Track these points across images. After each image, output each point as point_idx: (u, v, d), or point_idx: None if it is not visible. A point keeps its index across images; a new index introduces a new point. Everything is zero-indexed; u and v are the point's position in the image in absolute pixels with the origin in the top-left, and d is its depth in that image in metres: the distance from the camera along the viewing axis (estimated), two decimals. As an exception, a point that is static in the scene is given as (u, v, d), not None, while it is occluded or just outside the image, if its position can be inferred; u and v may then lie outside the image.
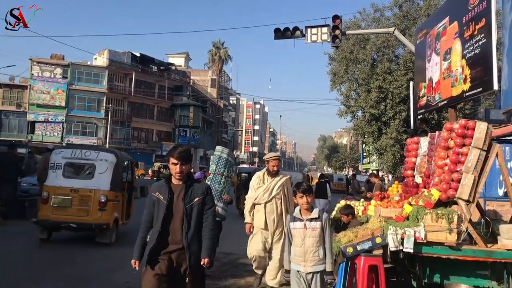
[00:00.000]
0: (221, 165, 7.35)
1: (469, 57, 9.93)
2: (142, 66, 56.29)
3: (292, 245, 4.66)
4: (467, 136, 5.45)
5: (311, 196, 4.62)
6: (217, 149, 7.66)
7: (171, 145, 53.61)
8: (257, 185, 6.66)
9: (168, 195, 4.06)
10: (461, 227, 5.18)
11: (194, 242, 4.05)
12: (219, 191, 7.18)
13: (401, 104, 23.33)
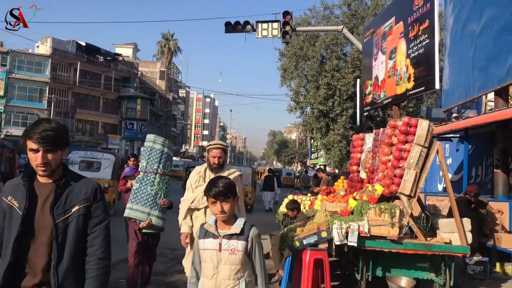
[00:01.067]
0: (154, 159, 5.50)
1: (413, 56, 10.28)
2: (87, 56, 54.29)
3: (200, 274, 3.02)
4: (410, 133, 5.62)
5: (230, 202, 2.93)
6: (149, 138, 5.63)
7: (118, 138, 52.38)
8: (196, 183, 4.93)
9: (26, 202, 2.37)
10: (403, 221, 5.34)
11: (68, 283, 2.38)
12: (152, 195, 5.43)
13: (348, 101, 23.88)
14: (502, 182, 9.33)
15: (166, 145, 5.64)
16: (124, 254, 7.25)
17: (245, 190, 17.93)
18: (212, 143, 4.91)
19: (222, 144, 4.91)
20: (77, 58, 52.23)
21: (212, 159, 4.77)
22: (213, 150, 4.78)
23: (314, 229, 5.49)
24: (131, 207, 5.40)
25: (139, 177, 5.55)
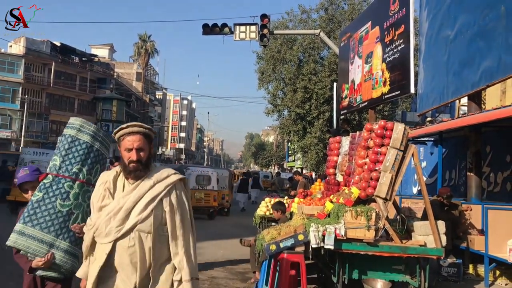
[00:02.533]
0: (76, 158, 3.47)
1: (389, 61, 10.41)
2: (62, 57, 53.28)
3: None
4: (386, 137, 5.67)
5: None
6: (72, 123, 3.61)
7: (93, 140, 51.55)
8: (100, 201, 2.71)
9: None
10: (379, 224, 5.38)
11: None
12: (62, 215, 3.32)
13: (325, 105, 24.03)
14: (475, 185, 9.51)
15: (100, 137, 3.64)
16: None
17: (222, 193, 17.86)
18: (125, 126, 2.68)
19: (143, 126, 2.69)
20: (51, 59, 51.21)
21: (127, 155, 2.61)
22: (127, 137, 2.63)
23: (291, 232, 5.48)
24: (22, 231, 3.22)
25: (45, 182, 3.39)
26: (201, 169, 18.48)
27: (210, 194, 16.53)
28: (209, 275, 7.70)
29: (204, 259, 9.04)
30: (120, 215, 2.51)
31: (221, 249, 10.36)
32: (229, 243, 11.37)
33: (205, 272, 7.91)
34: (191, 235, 2.77)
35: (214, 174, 17.49)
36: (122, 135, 2.65)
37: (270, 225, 7.28)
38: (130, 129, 2.63)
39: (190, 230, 2.75)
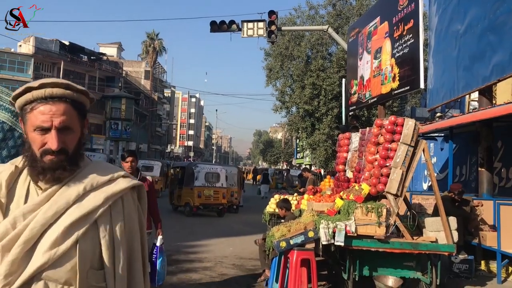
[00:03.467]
0: None
1: (398, 56, 10.32)
2: (71, 55, 53.62)
3: None
4: (396, 132, 5.62)
5: None
6: None
7: (102, 138, 51.88)
8: None
9: None
10: (390, 220, 5.34)
11: None
12: None
13: (334, 101, 23.91)
14: (486, 180, 9.41)
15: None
16: None
17: (231, 190, 17.86)
18: (37, 84, 1.40)
19: (69, 86, 1.45)
20: (60, 58, 51.55)
21: (39, 139, 1.38)
22: (40, 107, 1.37)
23: (301, 229, 5.46)
24: None
25: None
26: (210, 166, 18.47)
27: (219, 192, 16.54)
28: (219, 272, 7.70)
29: (213, 256, 9.05)
30: (15, 249, 1.29)
31: (230, 246, 10.36)
32: (239, 240, 11.38)
33: (215, 269, 7.92)
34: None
35: (223, 172, 17.49)
36: (31, 101, 1.40)
37: (280, 222, 7.26)
38: (47, 91, 1.39)
39: (142, 278, 1.51)
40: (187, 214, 16.00)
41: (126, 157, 5.22)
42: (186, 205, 16.30)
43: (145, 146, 65.98)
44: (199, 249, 9.85)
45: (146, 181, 5.12)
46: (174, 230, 12.64)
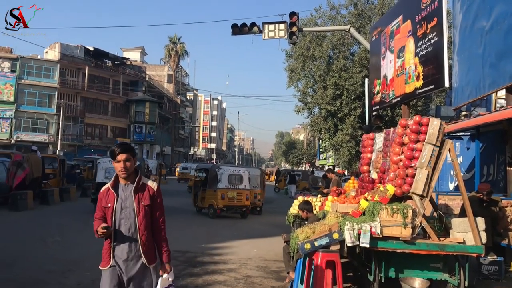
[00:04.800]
0: None
1: (422, 55, 10.18)
2: (95, 61, 54.62)
3: None
4: (421, 132, 5.55)
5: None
6: None
7: (127, 141, 52.60)
8: None
9: None
10: (416, 221, 5.28)
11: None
12: None
13: (356, 101, 23.74)
14: (515, 180, 9.20)
15: None
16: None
17: (254, 192, 17.89)
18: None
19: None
20: (85, 63, 52.54)
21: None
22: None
23: (326, 230, 5.44)
24: None
25: None
26: (232, 168, 18.52)
27: (242, 193, 16.58)
28: (244, 274, 7.72)
29: (237, 258, 9.08)
30: None
31: (254, 248, 10.37)
32: (262, 242, 11.39)
33: (240, 271, 7.95)
34: None
35: (246, 173, 17.53)
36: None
37: (304, 224, 7.25)
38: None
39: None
40: (211, 216, 16.09)
41: (117, 154, 3.52)
42: (209, 207, 16.39)
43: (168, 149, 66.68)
44: (223, 250, 9.90)
45: (146, 190, 3.64)
46: (199, 232, 12.74)
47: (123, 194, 3.61)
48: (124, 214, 3.58)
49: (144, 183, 3.67)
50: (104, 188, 3.69)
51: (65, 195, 19.43)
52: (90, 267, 7.57)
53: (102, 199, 3.64)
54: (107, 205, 3.60)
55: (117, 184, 3.67)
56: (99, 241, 3.86)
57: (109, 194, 3.63)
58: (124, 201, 3.59)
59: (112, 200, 3.59)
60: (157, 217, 3.68)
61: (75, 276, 7.03)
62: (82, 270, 7.36)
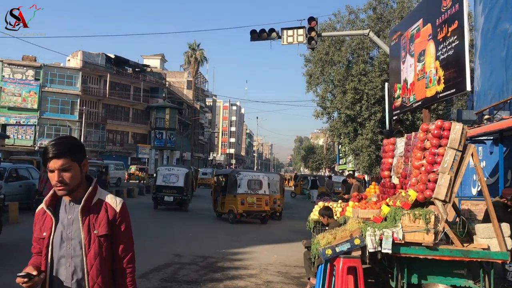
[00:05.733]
0: None
1: (443, 58, 10.07)
2: (116, 68, 55.45)
3: None
4: (443, 137, 5.50)
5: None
6: None
7: (147, 147, 53.22)
8: None
9: None
10: (438, 227, 5.22)
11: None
12: None
13: (376, 105, 23.56)
14: (540, 185, 9.01)
15: None
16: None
17: (273, 197, 17.88)
18: None
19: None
20: (106, 71, 53.39)
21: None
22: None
23: (347, 236, 5.42)
24: None
25: None
26: (252, 173, 18.55)
27: (261, 199, 16.60)
28: (265, 280, 7.73)
29: (258, 263, 9.10)
30: None
31: (274, 254, 10.38)
32: (282, 248, 11.39)
33: (260, 276, 7.96)
34: None
35: (265, 179, 17.55)
36: None
37: (324, 230, 7.23)
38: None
39: None
40: (230, 221, 16.14)
41: (48, 160, 2.27)
42: (229, 212, 16.45)
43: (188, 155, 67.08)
44: (244, 256, 9.93)
45: (102, 210, 2.33)
46: (219, 237, 12.80)
47: (66, 218, 2.29)
48: (66, 250, 2.25)
49: (100, 199, 2.36)
50: (40, 208, 2.40)
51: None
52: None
53: (36, 224, 2.37)
54: (42, 234, 2.30)
55: (58, 201, 2.35)
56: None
57: (45, 218, 2.33)
58: (66, 228, 2.27)
59: (48, 228, 2.29)
60: (120, 255, 2.35)
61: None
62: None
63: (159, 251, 9.88)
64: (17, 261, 7.62)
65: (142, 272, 7.70)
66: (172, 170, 21.11)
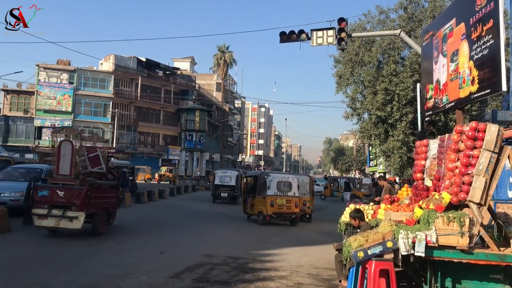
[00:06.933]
0: None
1: (477, 58, 9.86)
2: (147, 71, 56.45)
3: None
4: (478, 139, 5.40)
5: None
6: None
7: (177, 149, 53.89)
8: None
9: None
10: (473, 230, 5.13)
11: None
12: None
13: (408, 106, 23.20)
14: None
15: None
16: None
17: (303, 199, 17.84)
18: None
19: None
20: (138, 74, 54.43)
21: None
22: None
23: (379, 239, 5.38)
24: None
25: None
26: (281, 175, 18.56)
27: (291, 201, 16.58)
28: (296, 281, 7.74)
29: (288, 265, 9.11)
30: None
31: (305, 256, 10.36)
32: (313, 250, 11.36)
33: (291, 278, 7.97)
34: None
35: (295, 181, 17.52)
36: None
37: (356, 232, 7.19)
38: None
39: None
40: (260, 223, 16.18)
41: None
42: (259, 214, 16.49)
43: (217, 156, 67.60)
44: (274, 257, 9.95)
45: None
46: (249, 238, 12.86)
47: None
48: None
49: None
50: None
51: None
52: (146, 271, 7.85)
53: None
54: None
55: None
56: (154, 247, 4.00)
57: None
58: None
59: None
60: None
61: (132, 280, 7.30)
62: (138, 275, 7.64)
63: (190, 252, 10.03)
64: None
65: (174, 272, 7.85)
66: (226, 172, 27.32)
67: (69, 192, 10.94)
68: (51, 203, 10.90)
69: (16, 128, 50.26)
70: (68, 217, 10.78)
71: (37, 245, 10.13)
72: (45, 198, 10.90)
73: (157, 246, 10.46)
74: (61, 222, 10.79)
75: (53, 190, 10.98)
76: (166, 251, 9.92)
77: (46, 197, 10.91)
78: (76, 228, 10.94)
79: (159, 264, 8.68)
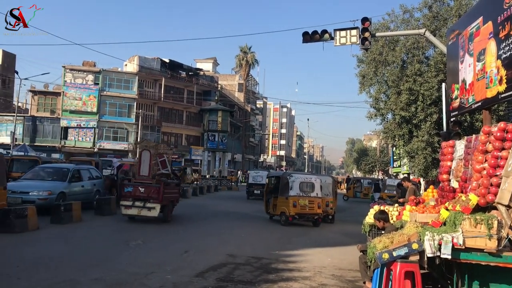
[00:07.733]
0: None
1: (505, 57, 9.66)
2: (171, 72, 57.04)
3: None
4: (507, 140, 5.31)
5: None
6: None
7: (200, 149, 54.31)
8: None
9: None
10: (502, 233, 5.04)
11: None
12: None
13: (432, 106, 22.85)
14: None
15: None
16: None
17: (326, 200, 17.74)
18: None
19: None
20: (161, 75, 55.04)
21: None
22: None
23: (404, 240, 5.34)
24: None
25: None
26: (304, 176, 18.48)
27: (314, 201, 16.51)
28: (319, 282, 7.73)
29: (312, 266, 9.10)
30: None
31: (328, 257, 10.33)
32: (336, 251, 11.31)
33: (315, 279, 7.96)
34: None
35: (318, 181, 17.45)
36: None
37: (380, 234, 7.14)
38: None
39: None
40: (282, 223, 16.17)
41: None
42: (281, 214, 16.48)
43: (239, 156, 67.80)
44: (297, 258, 9.95)
45: None
46: (271, 239, 12.88)
47: None
48: None
49: None
50: None
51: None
52: (171, 270, 7.95)
53: None
54: None
55: None
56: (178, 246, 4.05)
57: None
58: None
59: None
60: None
61: (157, 278, 7.39)
62: (163, 273, 7.74)
63: (213, 251, 10.10)
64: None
65: (198, 271, 7.93)
66: (258, 172, 32.42)
67: (148, 188, 14.15)
68: (134, 197, 14.04)
69: (43, 128, 51.40)
70: (148, 208, 13.89)
71: (65, 243, 10.36)
72: (129, 193, 14.12)
73: (181, 245, 10.58)
74: (142, 211, 13.96)
75: (136, 187, 14.23)
76: (190, 250, 10.02)
77: (130, 192, 14.13)
78: (153, 216, 14.02)
79: (183, 263, 8.78)
